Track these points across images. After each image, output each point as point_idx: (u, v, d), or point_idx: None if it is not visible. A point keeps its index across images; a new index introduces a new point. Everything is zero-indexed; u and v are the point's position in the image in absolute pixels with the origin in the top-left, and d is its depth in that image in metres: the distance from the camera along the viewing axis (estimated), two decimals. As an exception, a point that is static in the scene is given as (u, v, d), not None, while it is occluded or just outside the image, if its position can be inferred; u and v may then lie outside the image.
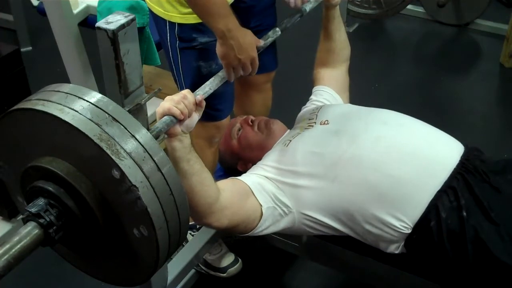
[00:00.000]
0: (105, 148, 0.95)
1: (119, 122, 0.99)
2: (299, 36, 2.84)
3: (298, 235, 1.65)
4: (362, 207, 1.45)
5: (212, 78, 1.41)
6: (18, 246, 0.98)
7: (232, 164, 1.83)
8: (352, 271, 1.82)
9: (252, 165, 1.74)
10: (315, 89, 1.91)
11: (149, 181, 0.98)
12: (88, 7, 2.23)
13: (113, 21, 1.08)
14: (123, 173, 0.95)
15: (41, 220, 1.01)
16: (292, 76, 2.76)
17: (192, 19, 1.58)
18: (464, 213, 1.39)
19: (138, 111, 1.21)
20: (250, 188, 1.48)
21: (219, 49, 1.45)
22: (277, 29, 1.59)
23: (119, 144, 0.96)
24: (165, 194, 1.01)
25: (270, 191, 1.50)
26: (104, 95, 1.06)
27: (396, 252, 1.48)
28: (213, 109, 1.71)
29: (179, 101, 1.22)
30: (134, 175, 0.96)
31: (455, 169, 1.45)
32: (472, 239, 1.37)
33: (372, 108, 1.69)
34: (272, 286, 2.08)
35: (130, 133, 0.99)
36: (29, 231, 1.00)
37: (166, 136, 1.23)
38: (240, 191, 1.47)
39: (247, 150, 1.76)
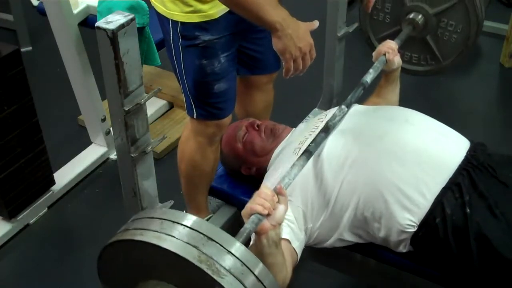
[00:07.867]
0: (205, 269, 0.98)
1: (214, 241, 1.02)
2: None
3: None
4: (370, 207, 1.44)
5: (290, 168, 1.37)
6: None
7: (235, 166, 1.82)
8: (353, 271, 1.82)
9: (256, 169, 1.73)
10: None
11: None
12: (88, 7, 2.23)
13: (112, 20, 1.08)
14: None
15: None
16: (294, 77, 2.75)
17: (195, 17, 1.58)
18: (468, 210, 1.38)
19: (137, 111, 1.21)
20: (290, 242, 1.46)
21: (277, 44, 1.43)
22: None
23: (218, 263, 0.99)
24: None
25: (295, 222, 1.49)
26: (104, 94, 1.06)
27: (404, 250, 1.47)
28: (214, 108, 1.71)
29: (256, 198, 1.23)
30: None
31: (460, 165, 1.44)
32: (475, 235, 1.36)
33: (379, 106, 1.68)
34: (272, 286, 2.07)
35: (226, 250, 1.01)
36: None
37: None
38: (288, 253, 1.45)
39: (252, 155, 1.75)
